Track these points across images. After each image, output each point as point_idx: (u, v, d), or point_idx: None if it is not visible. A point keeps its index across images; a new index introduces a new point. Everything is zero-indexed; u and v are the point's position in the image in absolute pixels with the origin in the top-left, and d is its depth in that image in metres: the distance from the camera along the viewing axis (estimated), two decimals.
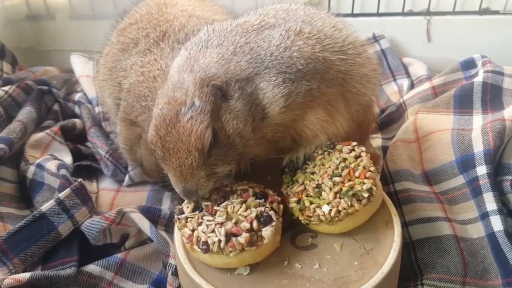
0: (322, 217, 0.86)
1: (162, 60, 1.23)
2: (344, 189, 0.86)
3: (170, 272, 1.04)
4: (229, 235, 0.81)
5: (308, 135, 0.96)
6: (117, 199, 1.40)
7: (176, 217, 0.89)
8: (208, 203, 0.88)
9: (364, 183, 0.86)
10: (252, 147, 0.89)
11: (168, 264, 1.05)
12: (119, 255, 1.11)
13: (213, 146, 0.83)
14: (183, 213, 0.89)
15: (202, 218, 0.85)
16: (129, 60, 1.28)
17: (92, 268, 1.08)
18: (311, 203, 0.88)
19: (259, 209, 0.85)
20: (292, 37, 0.93)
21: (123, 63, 1.29)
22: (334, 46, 0.99)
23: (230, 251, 0.81)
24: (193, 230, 0.84)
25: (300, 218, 0.89)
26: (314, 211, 0.86)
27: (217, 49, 0.90)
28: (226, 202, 0.88)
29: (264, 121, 0.89)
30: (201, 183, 0.85)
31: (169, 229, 1.18)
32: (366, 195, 0.85)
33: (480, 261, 1.00)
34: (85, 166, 1.49)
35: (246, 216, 0.84)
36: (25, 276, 1.00)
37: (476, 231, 1.05)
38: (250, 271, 0.84)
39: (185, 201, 0.91)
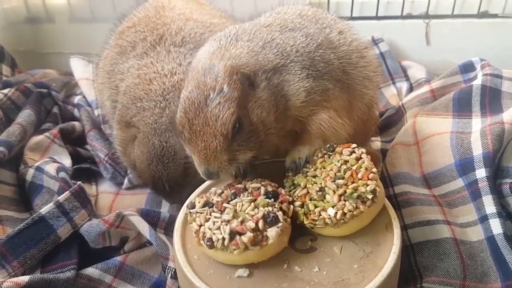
0: (327, 220, 0.85)
1: (158, 64, 1.24)
2: (349, 191, 0.85)
3: (170, 275, 1.04)
4: (233, 233, 0.82)
5: (314, 132, 0.98)
6: (116, 202, 1.39)
7: (187, 210, 0.91)
8: (220, 199, 0.90)
9: (367, 185, 0.86)
10: (273, 136, 0.93)
11: (168, 267, 1.05)
12: (118, 258, 1.11)
13: (237, 132, 0.87)
14: (194, 207, 0.90)
15: (210, 214, 0.87)
16: (127, 63, 1.29)
17: (91, 271, 1.08)
18: (316, 206, 0.87)
19: (266, 209, 0.85)
20: (314, 44, 1.00)
21: (120, 66, 1.30)
22: (341, 55, 1.05)
23: (234, 249, 0.81)
24: (200, 226, 0.86)
25: (305, 222, 0.89)
26: (320, 215, 0.86)
27: (247, 43, 0.96)
28: (236, 200, 0.89)
29: (286, 112, 0.94)
30: (223, 166, 0.88)
31: (169, 232, 1.18)
32: (370, 196, 0.85)
33: (479, 264, 1.00)
34: (85, 169, 1.49)
35: (252, 216, 0.84)
36: (24, 279, 1.00)
37: (476, 234, 1.05)
38: (250, 273, 0.84)
39: (197, 196, 0.95)
